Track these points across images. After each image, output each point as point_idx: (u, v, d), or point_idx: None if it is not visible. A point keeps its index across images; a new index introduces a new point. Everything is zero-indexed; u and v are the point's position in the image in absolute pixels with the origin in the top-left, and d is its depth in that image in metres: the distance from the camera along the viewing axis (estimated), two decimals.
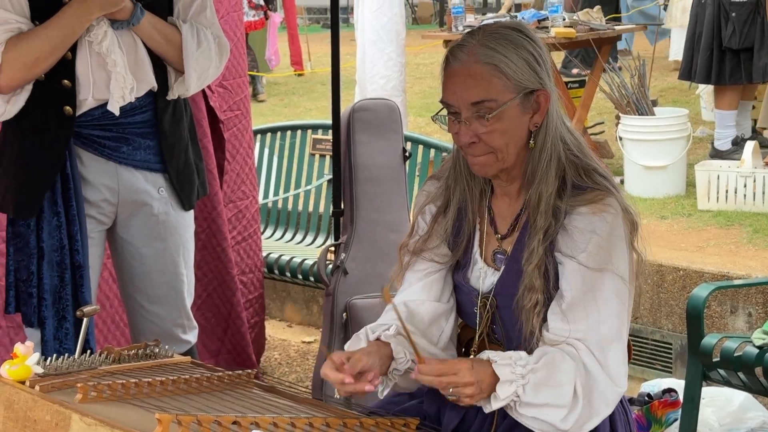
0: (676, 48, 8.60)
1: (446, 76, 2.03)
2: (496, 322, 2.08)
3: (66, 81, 2.64)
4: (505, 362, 1.92)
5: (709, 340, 3.23)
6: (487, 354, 1.96)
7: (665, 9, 10.20)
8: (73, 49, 2.62)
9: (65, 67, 2.63)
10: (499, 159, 2.02)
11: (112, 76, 2.65)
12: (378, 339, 2.05)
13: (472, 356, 2.08)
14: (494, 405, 1.92)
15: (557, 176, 2.01)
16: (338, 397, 2.00)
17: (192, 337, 2.96)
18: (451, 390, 1.90)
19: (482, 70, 1.99)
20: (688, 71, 6.15)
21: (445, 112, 2.05)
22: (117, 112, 2.68)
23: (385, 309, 2.15)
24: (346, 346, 2.10)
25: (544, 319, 1.99)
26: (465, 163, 2.10)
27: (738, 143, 5.90)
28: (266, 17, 10.01)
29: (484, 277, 2.10)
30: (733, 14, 5.80)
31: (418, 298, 2.13)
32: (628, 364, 2.05)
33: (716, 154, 5.98)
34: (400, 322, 1.97)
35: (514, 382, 1.90)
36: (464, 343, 2.18)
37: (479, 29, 2.06)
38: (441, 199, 2.16)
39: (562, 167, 2.02)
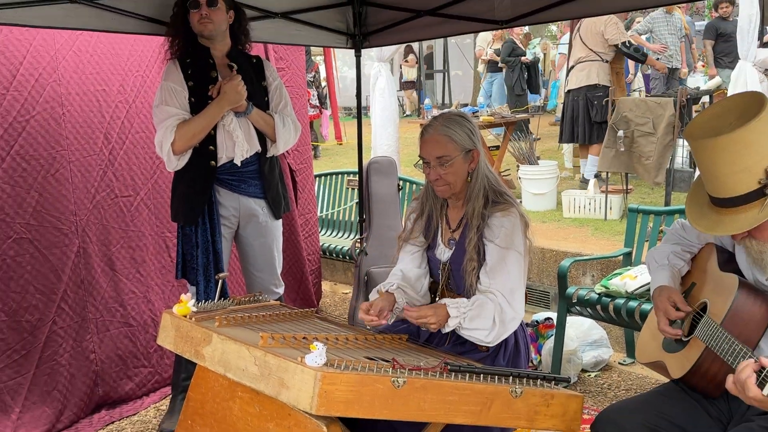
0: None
1: (422, 142, 2.05)
2: (450, 279, 2.08)
3: (211, 147, 2.62)
4: (454, 306, 1.94)
5: (570, 290, 3.21)
6: (444, 300, 1.98)
7: (545, 104, 10.19)
8: (214, 128, 2.61)
9: (210, 139, 2.61)
10: (452, 188, 2.03)
11: (236, 143, 2.64)
12: (386, 291, 2.08)
13: (437, 300, 2.08)
14: (447, 330, 1.95)
15: (483, 197, 2.01)
16: (367, 328, 2.03)
17: (281, 290, 2.93)
18: (424, 325, 1.95)
19: (442, 139, 1.99)
20: (570, 136, 5.96)
21: (421, 162, 2.06)
22: (239, 164, 2.66)
23: (390, 274, 2.17)
24: (370, 296, 2.13)
25: (478, 277, 1.99)
26: (432, 190, 2.10)
27: (597, 176, 5.85)
28: (320, 112, 10.01)
29: (443, 253, 2.10)
30: (595, 102, 5.74)
31: (408, 267, 2.14)
32: (525, 304, 2.05)
33: (584, 181, 5.90)
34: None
35: (458, 317, 1.92)
36: (433, 291, 2.17)
37: (440, 115, 2.08)
38: (419, 210, 2.16)
39: (486, 192, 2.02)
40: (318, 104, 9.87)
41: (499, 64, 9.14)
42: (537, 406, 1.64)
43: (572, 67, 5.95)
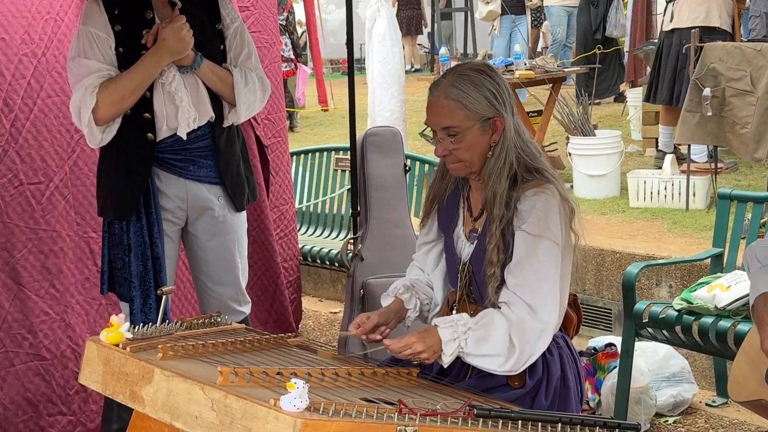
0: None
1: (427, 105, 2.08)
2: (472, 284, 2.11)
3: (146, 114, 2.62)
4: (447, 325, 1.96)
5: (640, 306, 3.22)
6: (434, 321, 2.01)
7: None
8: (151, 89, 2.61)
9: (145, 103, 2.61)
10: (467, 166, 2.06)
11: (179, 109, 2.64)
12: (396, 296, 2.19)
13: (453, 313, 2.12)
14: (445, 360, 1.96)
15: (508, 177, 2.02)
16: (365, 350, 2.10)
17: (246, 309, 2.94)
18: (412, 358, 1.97)
19: (449, 104, 2.01)
20: (669, 95, 5.70)
21: (429, 131, 2.09)
22: (184, 137, 2.66)
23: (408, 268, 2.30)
24: (381, 299, 2.23)
25: (501, 284, 2.01)
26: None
27: (674, 150, 5.77)
28: (296, 67, 10.00)
29: (463, 248, 2.13)
30: None
31: (432, 264, 2.23)
32: (563, 309, 2.04)
33: (661, 156, 5.81)
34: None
35: (456, 339, 1.94)
36: (450, 304, 2.20)
37: (452, 70, 2.09)
38: (434, 187, 2.22)
39: (514, 170, 2.03)
40: (293, 57, 9.86)
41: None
42: None
43: None
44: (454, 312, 2.12)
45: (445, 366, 1.98)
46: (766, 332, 1.79)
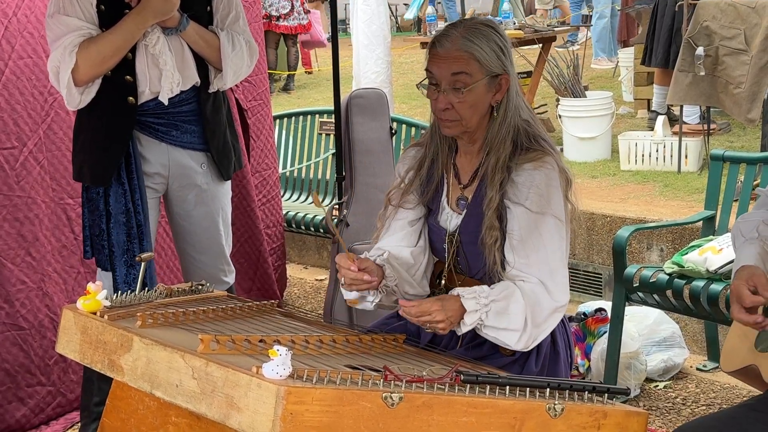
0: None
1: (432, 56, 2.03)
2: (460, 255, 2.10)
3: (128, 77, 2.60)
4: (470, 296, 1.94)
5: (630, 270, 3.24)
6: (456, 290, 1.97)
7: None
8: (133, 50, 2.59)
9: (127, 65, 2.59)
10: (463, 125, 2.04)
11: (163, 73, 2.62)
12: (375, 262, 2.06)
13: (442, 283, 2.10)
14: (464, 329, 1.95)
15: (511, 141, 2.02)
16: (342, 283, 2.01)
17: (231, 279, 2.94)
18: (428, 326, 1.94)
19: (462, 56, 2.00)
20: (665, 57, 5.66)
21: (426, 82, 2.05)
22: (166, 102, 2.64)
23: (373, 249, 2.16)
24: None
25: (504, 254, 1.99)
26: (439, 127, 2.10)
27: (667, 112, 5.76)
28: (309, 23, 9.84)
29: (450, 219, 2.11)
30: None
31: (399, 246, 2.14)
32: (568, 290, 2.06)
33: (655, 116, 5.79)
34: (341, 241, 2.06)
35: (478, 311, 1.92)
36: (436, 274, 2.18)
37: (460, 23, 2.08)
38: (420, 157, 2.16)
39: (516, 134, 2.03)
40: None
41: None
42: (584, 428, 1.65)
43: None
44: (442, 285, 2.11)
45: (459, 334, 1.97)
46: (733, 301, 1.81)
